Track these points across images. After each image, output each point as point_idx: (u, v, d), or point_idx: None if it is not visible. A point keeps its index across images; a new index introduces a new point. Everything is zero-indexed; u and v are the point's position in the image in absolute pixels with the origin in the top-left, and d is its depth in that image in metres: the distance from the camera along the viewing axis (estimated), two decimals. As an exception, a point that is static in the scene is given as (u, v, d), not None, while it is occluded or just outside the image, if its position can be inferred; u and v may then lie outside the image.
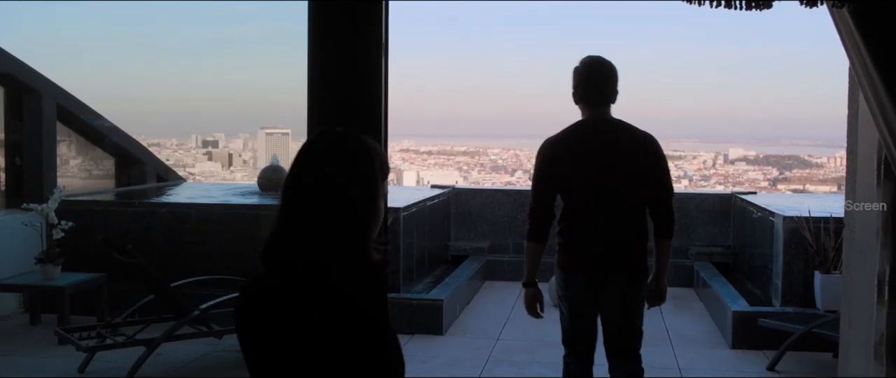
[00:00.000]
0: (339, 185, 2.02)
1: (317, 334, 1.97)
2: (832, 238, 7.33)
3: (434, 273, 9.59)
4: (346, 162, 2.04)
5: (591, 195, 4.46)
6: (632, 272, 4.50)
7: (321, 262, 1.98)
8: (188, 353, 6.97)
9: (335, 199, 2.01)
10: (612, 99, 4.51)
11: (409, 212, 8.52)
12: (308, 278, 1.99)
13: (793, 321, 6.97)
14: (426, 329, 7.80)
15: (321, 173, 2.03)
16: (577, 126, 4.53)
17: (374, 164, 2.06)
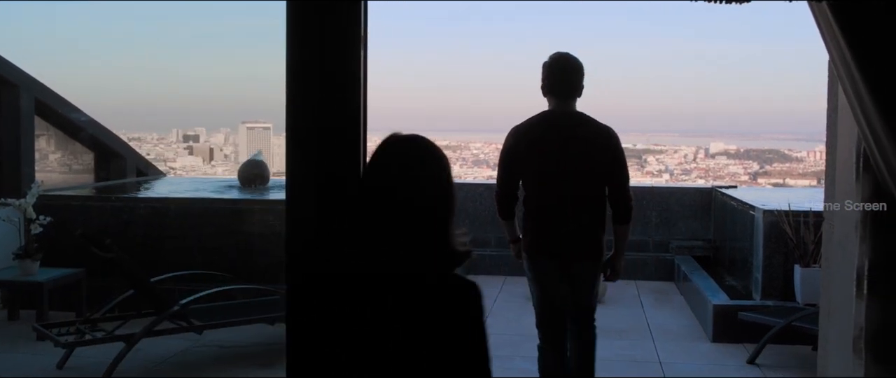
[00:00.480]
0: (419, 188, 2.14)
1: (405, 339, 2.08)
2: (812, 231, 7.36)
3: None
4: (422, 166, 2.17)
5: (554, 183, 4.80)
6: (595, 255, 4.90)
7: (414, 271, 2.10)
8: (168, 349, 6.93)
9: (416, 202, 2.13)
10: (578, 93, 4.83)
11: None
12: (399, 284, 2.09)
13: (773, 315, 7.00)
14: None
15: (395, 179, 2.14)
16: (542, 116, 4.87)
17: (445, 163, 2.20)
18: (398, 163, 2.16)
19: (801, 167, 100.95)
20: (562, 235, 4.83)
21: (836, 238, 2.59)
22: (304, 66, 2.17)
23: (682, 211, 10.54)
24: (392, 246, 2.09)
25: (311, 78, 2.18)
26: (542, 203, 4.86)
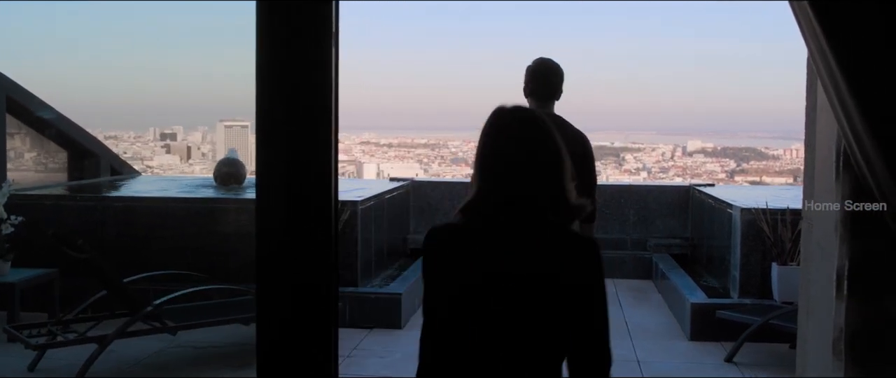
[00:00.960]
0: (539, 148, 2.38)
1: (539, 289, 2.27)
2: (789, 229, 7.36)
3: (393, 267, 9.52)
4: (533, 128, 2.41)
5: None
6: None
7: (564, 215, 2.38)
8: (142, 350, 6.84)
9: (538, 159, 2.36)
10: (557, 96, 5.13)
11: (366, 205, 8.43)
12: (552, 234, 2.34)
13: (750, 313, 7.00)
14: (385, 323, 7.73)
15: (516, 143, 2.37)
16: None
17: (552, 127, 2.43)
18: (518, 127, 2.40)
19: (777, 165, 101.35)
20: None
21: (815, 237, 2.56)
22: (274, 65, 2.12)
23: (660, 209, 10.54)
24: (518, 202, 2.32)
25: (281, 77, 2.13)
26: None
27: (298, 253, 2.23)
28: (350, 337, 7.45)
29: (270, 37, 2.13)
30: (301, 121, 2.12)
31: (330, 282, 2.37)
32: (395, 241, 9.83)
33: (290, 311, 2.33)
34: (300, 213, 2.12)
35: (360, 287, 8.07)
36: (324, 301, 2.39)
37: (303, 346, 2.36)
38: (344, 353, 7.02)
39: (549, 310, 2.27)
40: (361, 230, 8.20)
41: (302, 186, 2.11)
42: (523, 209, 2.33)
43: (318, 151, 2.10)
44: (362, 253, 8.23)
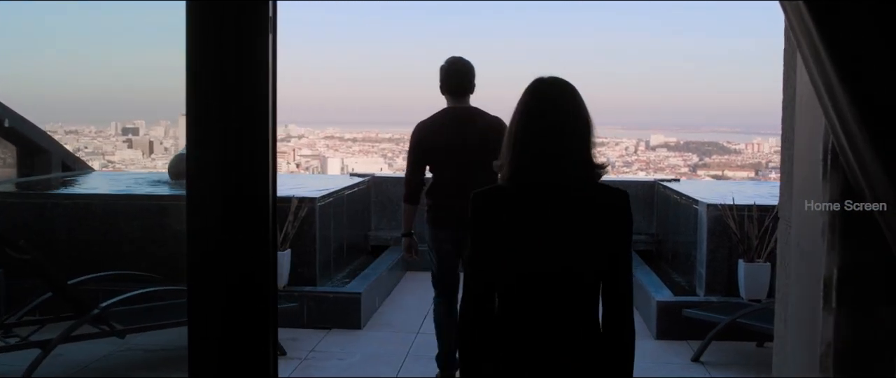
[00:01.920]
0: (571, 113, 2.72)
1: (593, 239, 2.68)
2: (755, 226, 7.23)
3: (353, 265, 9.29)
4: (570, 97, 2.75)
5: (453, 166, 5.64)
6: None
7: (589, 177, 2.73)
8: (90, 354, 6.57)
9: (577, 119, 2.73)
10: (470, 90, 5.74)
11: (325, 202, 8.20)
12: (590, 195, 2.72)
13: (717, 311, 6.86)
14: (344, 323, 7.52)
15: (560, 105, 2.73)
16: (443, 112, 5.78)
17: (581, 97, 2.76)
18: (558, 96, 2.75)
19: (739, 159, 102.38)
20: (459, 210, 5.09)
21: (794, 240, 2.38)
22: (206, 62, 1.92)
23: (625, 205, 10.40)
24: (553, 159, 2.68)
25: (213, 74, 1.93)
26: (444, 184, 5.72)
27: (232, 253, 2.02)
28: (308, 338, 7.22)
29: (202, 32, 1.92)
30: (235, 118, 1.90)
31: (266, 281, 2.15)
32: (355, 239, 9.60)
33: (222, 314, 2.10)
34: (234, 213, 1.91)
35: (319, 286, 7.84)
36: (260, 302, 2.17)
37: (237, 350, 2.14)
38: (301, 355, 6.80)
39: (589, 247, 2.68)
40: (320, 228, 7.97)
41: (237, 186, 1.90)
42: (555, 163, 2.69)
43: (254, 148, 1.89)
44: (321, 251, 8.00)
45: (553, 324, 2.69)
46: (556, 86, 2.78)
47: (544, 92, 2.78)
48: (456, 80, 5.71)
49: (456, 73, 5.70)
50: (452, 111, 5.74)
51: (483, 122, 5.64)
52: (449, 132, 5.68)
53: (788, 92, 2.57)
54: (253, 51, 1.91)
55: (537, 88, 2.79)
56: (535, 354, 2.68)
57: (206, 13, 1.91)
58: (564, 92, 2.77)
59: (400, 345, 7.12)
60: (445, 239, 5.76)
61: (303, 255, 7.82)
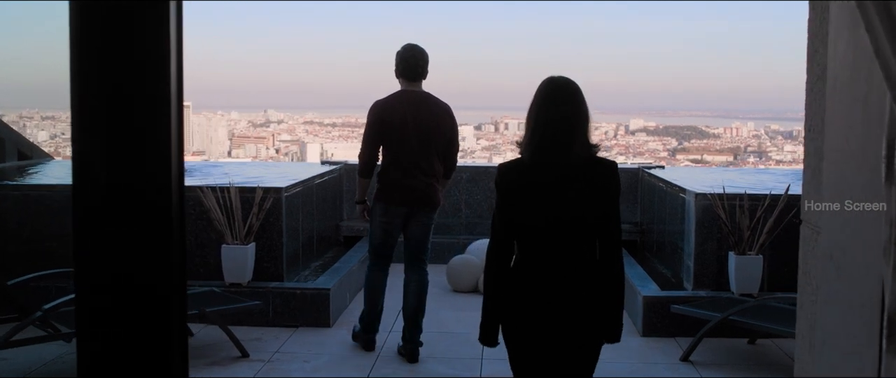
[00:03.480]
0: (576, 106, 3.51)
1: (591, 201, 3.48)
2: (747, 216, 6.84)
3: (324, 257, 8.86)
4: (575, 93, 3.53)
5: (405, 146, 6.09)
6: (432, 205, 6.27)
7: (588, 155, 3.50)
8: (39, 357, 6.13)
9: (580, 110, 3.51)
10: (424, 76, 6.20)
11: (292, 192, 7.74)
12: (589, 167, 3.50)
13: (707, 307, 6.47)
14: (312, 321, 7.10)
15: (568, 96, 3.52)
16: (398, 94, 6.20)
17: (581, 93, 3.57)
18: (566, 89, 3.55)
19: (718, 143, 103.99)
20: (408, 188, 6.15)
21: (825, 251, 1.97)
22: (93, 38, 1.53)
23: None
24: (562, 140, 3.46)
25: (101, 53, 1.55)
26: (395, 164, 6.14)
27: (119, 249, 1.60)
28: (273, 338, 6.79)
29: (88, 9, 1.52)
30: (124, 101, 1.48)
31: (168, 281, 1.73)
32: (326, 230, 9.16)
33: (112, 318, 1.69)
34: (123, 206, 1.51)
35: (286, 281, 7.40)
36: (159, 304, 1.76)
37: (131, 359, 1.73)
38: (264, 356, 6.36)
39: (595, 215, 3.49)
40: (287, 219, 7.52)
41: (129, 176, 1.50)
42: (564, 144, 3.47)
43: (149, 135, 1.47)
44: (288, 244, 7.55)
45: (563, 258, 3.52)
46: (564, 84, 3.59)
47: (556, 89, 3.58)
48: (411, 65, 6.13)
49: (411, 59, 6.13)
50: (406, 94, 6.17)
51: (435, 107, 6.17)
52: (402, 114, 6.07)
53: (814, 71, 2.15)
54: (148, 21, 1.49)
55: (550, 86, 3.59)
56: (550, 281, 3.53)
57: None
58: (571, 89, 3.58)
59: (365, 352, 6.70)
60: (395, 216, 6.23)
61: (269, 249, 7.38)
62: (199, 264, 7.42)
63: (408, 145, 6.08)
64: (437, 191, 6.26)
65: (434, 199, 6.25)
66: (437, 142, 6.14)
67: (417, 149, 6.08)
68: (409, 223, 6.28)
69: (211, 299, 6.54)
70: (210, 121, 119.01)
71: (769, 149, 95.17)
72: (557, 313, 3.52)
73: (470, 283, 8.43)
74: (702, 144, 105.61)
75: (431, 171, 6.16)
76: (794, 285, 7.07)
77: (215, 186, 7.23)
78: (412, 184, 6.13)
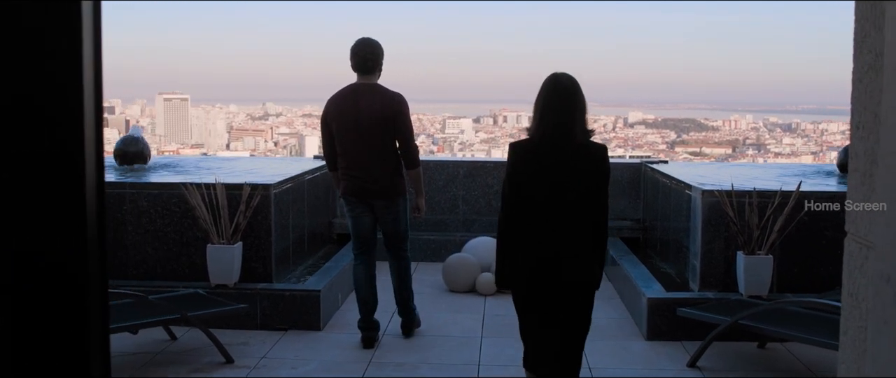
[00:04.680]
0: (576, 97, 4.26)
1: (587, 176, 4.24)
2: (756, 214, 6.53)
3: (316, 255, 8.56)
4: (575, 87, 4.29)
5: (350, 138, 6.21)
6: (388, 194, 6.30)
7: (585, 139, 4.28)
8: None
9: (579, 102, 4.27)
10: (375, 69, 6.28)
11: (281, 189, 7.42)
12: (585, 148, 4.27)
13: (715, 311, 6.16)
14: (302, 324, 6.80)
15: (569, 89, 4.26)
16: (344, 88, 6.32)
17: (579, 86, 4.32)
18: (568, 83, 4.27)
19: (716, 136, 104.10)
20: (354, 178, 6.27)
21: (879, 271, 1.67)
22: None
23: (610, 188, 9.67)
24: (562, 126, 4.21)
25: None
26: (344, 155, 6.27)
27: (20, 246, 1.29)
28: (260, 342, 6.49)
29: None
30: (25, 87, 1.20)
31: (83, 284, 1.43)
32: (318, 227, 8.85)
33: (12, 324, 1.40)
34: (32, 205, 1.21)
35: (275, 283, 7.09)
36: (70, 309, 1.45)
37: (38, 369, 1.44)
38: (250, 363, 6.05)
39: (590, 187, 4.23)
40: (276, 217, 7.21)
41: (35, 172, 1.20)
42: (565, 131, 4.20)
43: (68, 129, 1.18)
44: (277, 243, 7.24)
45: (563, 226, 4.24)
46: (566, 79, 4.31)
47: (559, 83, 4.30)
48: (359, 58, 6.21)
49: (359, 53, 6.20)
50: (354, 87, 6.27)
51: (376, 97, 6.19)
52: (346, 106, 6.19)
53: (864, 58, 1.85)
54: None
55: (554, 80, 4.31)
56: (550, 239, 4.24)
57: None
58: (572, 84, 4.30)
59: (363, 349, 6.41)
60: (362, 211, 6.36)
61: (257, 248, 7.07)
62: (184, 265, 7.13)
63: (348, 138, 6.19)
64: (390, 181, 6.25)
65: (386, 189, 6.26)
66: (380, 131, 6.16)
67: (358, 141, 6.16)
68: (377, 215, 6.39)
69: (195, 302, 6.24)
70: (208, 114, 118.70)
71: (768, 141, 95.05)
72: (556, 263, 4.25)
73: (467, 282, 8.11)
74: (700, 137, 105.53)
75: (378, 162, 6.20)
76: (805, 286, 6.77)
77: (200, 183, 6.92)
78: (357, 174, 6.24)
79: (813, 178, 7.93)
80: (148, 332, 6.32)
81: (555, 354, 4.43)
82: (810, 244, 6.86)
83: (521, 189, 4.25)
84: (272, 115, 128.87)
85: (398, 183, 6.31)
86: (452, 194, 9.69)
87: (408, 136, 6.25)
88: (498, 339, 6.63)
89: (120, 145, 8.63)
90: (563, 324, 4.37)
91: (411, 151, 6.30)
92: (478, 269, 8.15)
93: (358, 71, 6.26)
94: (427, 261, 9.33)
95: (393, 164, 6.26)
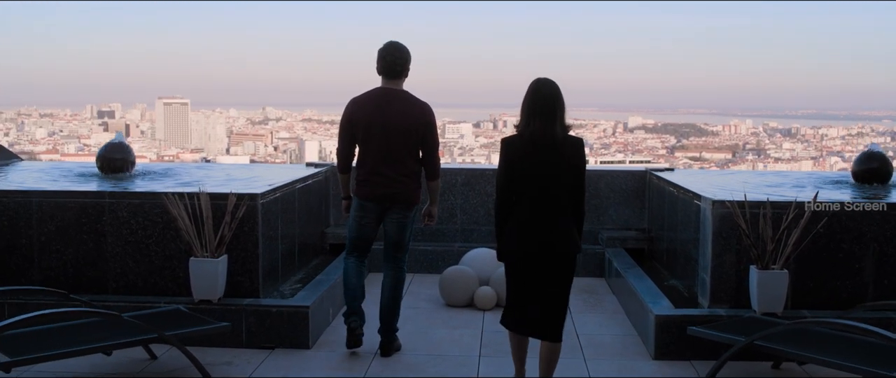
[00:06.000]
0: (556, 99, 5.01)
1: (566, 165, 5.03)
2: (770, 226, 6.17)
3: (307, 267, 8.20)
4: (556, 89, 5.03)
5: (375, 143, 6.13)
6: (405, 202, 6.25)
7: (564, 134, 5.03)
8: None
9: (558, 103, 5.01)
10: (403, 74, 6.21)
11: (269, 198, 7.04)
12: (565, 142, 5.03)
13: (728, 330, 5.79)
14: (290, 342, 6.43)
15: (551, 92, 5.01)
16: (374, 91, 6.22)
17: (559, 88, 5.07)
18: (550, 87, 5.02)
19: (716, 141, 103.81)
20: (374, 184, 6.20)
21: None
22: None
23: (613, 196, 9.32)
24: (546, 123, 4.95)
25: None
26: (367, 160, 6.20)
27: None
28: (246, 361, 6.12)
29: None
30: None
31: None
32: (310, 237, 8.48)
33: None
34: None
35: (262, 298, 6.73)
36: None
37: None
38: (233, 386, 5.68)
39: (569, 174, 5.03)
40: (263, 228, 6.85)
41: None
42: (551, 128, 4.96)
43: None
44: (265, 256, 6.87)
45: (548, 207, 5.02)
46: (548, 84, 5.03)
47: (542, 86, 5.02)
48: (387, 63, 6.13)
49: (388, 57, 6.13)
50: (382, 91, 6.18)
51: (406, 105, 6.16)
52: (374, 110, 6.11)
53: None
54: None
55: (539, 84, 5.04)
56: (540, 223, 5.03)
57: None
58: (553, 87, 5.03)
59: (354, 369, 6.05)
60: (369, 211, 6.27)
61: (242, 261, 6.71)
62: (167, 279, 6.77)
63: (373, 143, 6.12)
64: (409, 189, 6.22)
65: (404, 197, 6.22)
66: (407, 140, 6.13)
67: (383, 147, 6.11)
68: (385, 220, 6.31)
69: (175, 320, 5.87)
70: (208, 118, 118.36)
71: (768, 146, 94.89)
72: (544, 238, 5.03)
73: (465, 296, 7.74)
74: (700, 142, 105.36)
75: (401, 170, 6.16)
76: (820, 303, 6.36)
77: (183, 193, 6.56)
78: (377, 181, 6.18)
79: (827, 187, 7.56)
80: (126, 351, 5.96)
81: (538, 317, 5.16)
82: (826, 258, 6.50)
83: (513, 176, 5.04)
84: (272, 120, 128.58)
85: (416, 192, 6.27)
86: (450, 203, 9.34)
87: (434, 147, 6.26)
88: (496, 359, 6.26)
89: (103, 152, 8.26)
90: (550, 289, 5.10)
91: (435, 163, 6.29)
92: (476, 283, 7.78)
93: (385, 75, 6.18)
94: (423, 272, 8.97)
95: (414, 172, 6.23)
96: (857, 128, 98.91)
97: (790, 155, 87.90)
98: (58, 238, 6.83)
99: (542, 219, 5.02)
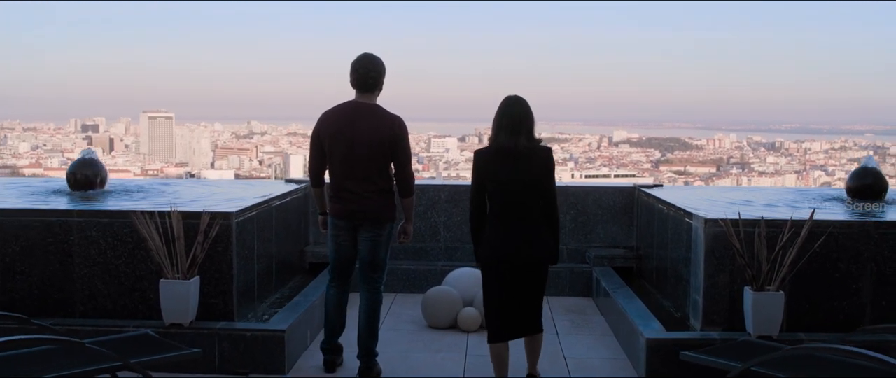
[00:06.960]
0: (525, 114, 5.35)
1: (532, 171, 5.33)
2: (765, 246, 5.94)
3: (285, 287, 7.91)
4: (524, 105, 5.40)
5: (342, 157, 5.95)
6: (375, 220, 6.04)
7: (530, 144, 5.34)
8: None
9: (526, 117, 5.35)
10: (377, 88, 6.04)
11: (245, 217, 6.77)
12: (531, 150, 5.34)
13: (723, 355, 5.51)
14: (265, 367, 6.15)
15: (518, 108, 5.35)
16: (344, 105, 6.05)
17: (527, 104, 5.42)
18: (518, 103, 5.38)
19: (701, 155, 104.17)
20: (342, 200, 6.03)
21: None
22: None
23: (601, 213, 9.07)
24: (515, 136, 5.29)
25: None
26: (335, 174, 6.04)
27: None
28: (217, 389, 5.83)
29: None
30: None
31: None
32: (288, 256, 8.20)
33: None
34: None
35: (236, 321, 6.44)
36: None
37: None
38: (203, 416, 5.39)
39: (536, 180, 5.33)
40: (238, 247, 6.57)
41: None
42: (517, 139, 5.30)
43: None
44: (239, 277, 6.59)
45: (519, 213, 5.35)
46: (516, 100, 5.42)
47: (512, 102, 5.41)
48: (359, 76, 5.96)
49: (361, 70, 5.96)
50: (352, 105, 6.00)
51: (375, 119, 5.95)
52: (343, 125, 5.93)
53: None
54: None
55: (508, 100, 5.42)
56: (510, 223, 5.35)
57: None
58: (521, 103, 5.41)
59: (325, 375, 5.76)
60: (342, 229, 6.10)
61: (216, 282, 6.43)
62: (137, 301, 6.48)
63: (341, 158, 5.94)
64: (379, 206, 6.02)
65: (374, 214, 6.03)
66: (374, 155, 5.93)
67: (351, 161, 5.92)
68: (358, 239, 6.11)
69: (143, 345, 5.56)
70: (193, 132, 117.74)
71: (752, 160, 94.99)
72: (516, 244, 5.33)
73: (448, 318, 7.47)
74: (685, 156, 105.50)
75: (368, 186, 5.96)
76: (817, 325, 6.06)
77: (154, 211, 6.28)
78: (345, 196, 6.01)
79: (822, 204, 7.34)
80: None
81: (518, 318, 5.46)
82: (823, 278, 6.27)
83: (484, 184, 5.39)
84: (257, 134, 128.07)
85: (388, 208, 6.08)
86: (433, 220, 9.07)
87: (405, 162, 6.04)
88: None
89: (73, 168, 7.95)
90: (525, 293, 5.40)
91: (408, 178, 6.07)
92: (460, 304, 7.51)
93: (357, 88, 6.00)
94: (406, 291, 8.71)
95: (385, 188, 6.03)
96: (840, 142, 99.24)
97: (774, 169, 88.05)
98: (22, 259, 6.54)
99: (512, 225, 5.33)
